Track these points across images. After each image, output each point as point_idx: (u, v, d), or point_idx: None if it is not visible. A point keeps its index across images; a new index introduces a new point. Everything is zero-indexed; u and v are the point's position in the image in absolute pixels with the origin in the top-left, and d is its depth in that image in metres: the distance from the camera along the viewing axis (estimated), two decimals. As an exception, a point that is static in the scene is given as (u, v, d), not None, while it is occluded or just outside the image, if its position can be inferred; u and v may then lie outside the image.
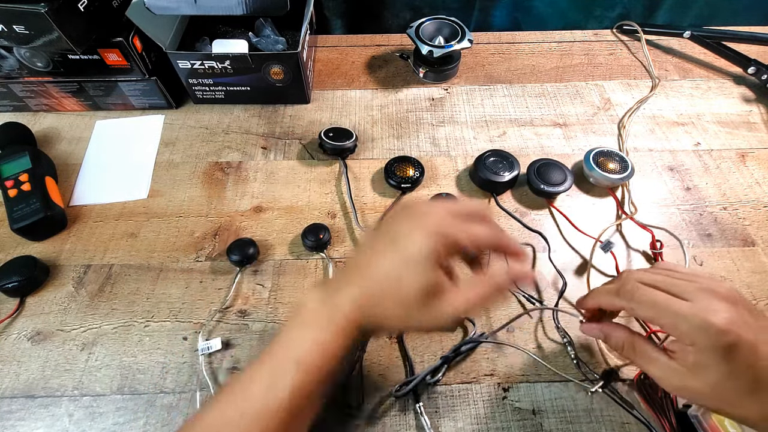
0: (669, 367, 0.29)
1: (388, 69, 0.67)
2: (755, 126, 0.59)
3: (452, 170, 0.54)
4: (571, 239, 0.48)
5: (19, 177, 0.49)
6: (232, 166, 0.55)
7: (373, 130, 0.58)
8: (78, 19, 0.47)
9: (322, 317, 0.30)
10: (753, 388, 0.27)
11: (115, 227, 0.49)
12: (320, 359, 0.29)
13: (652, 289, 0.30)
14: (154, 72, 0.56)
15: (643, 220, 0.48)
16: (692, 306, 0.28)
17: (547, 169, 0.50)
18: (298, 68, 0.56)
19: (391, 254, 0.30)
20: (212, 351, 0.40)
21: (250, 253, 0.45)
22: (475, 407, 0.38)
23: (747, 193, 0.52)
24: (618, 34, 0.72)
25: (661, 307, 0.29)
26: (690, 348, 0.28)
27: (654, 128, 0.58)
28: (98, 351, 0.41)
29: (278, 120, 0.60)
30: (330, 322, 0.30)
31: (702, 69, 0.66)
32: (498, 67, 0.67)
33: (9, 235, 0.47)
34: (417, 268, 0.29)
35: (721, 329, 0.26)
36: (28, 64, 0.53)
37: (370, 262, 0.31)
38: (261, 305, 0.44)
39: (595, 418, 0.37)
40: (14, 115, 0.60)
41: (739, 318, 0.27)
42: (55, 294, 0.44)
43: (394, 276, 0.29)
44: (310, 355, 0.29)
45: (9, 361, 0.40)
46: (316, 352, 0.30)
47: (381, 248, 0.31)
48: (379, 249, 0.31)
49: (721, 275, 0.45)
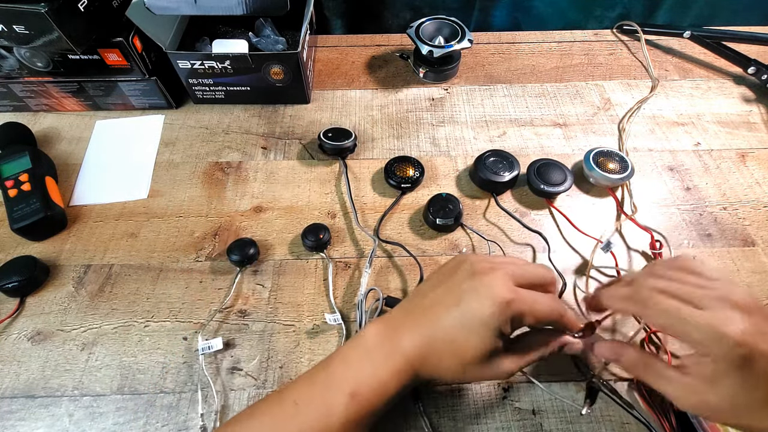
0: (684, 384, 0.28)
1: (388, 69, 0.67)
2: (755, 126, 0.59)
3: (452, 170, 0.54)
4: (571, 239, 0.48)
5: (19, 177, 0.49)
6: (232, 166, 0.55)
7: (373, 130, 0.58)
8: (78, 19, 0.47)
9: (382, 354, 0.31)
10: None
11: (115, 227, 0.49)
12: (375, 396, 0.30)
13: (665, 298, 0.29)
14: (154, 72, 0.56)
15: (643, 221, 0.48)
16: (706, 315, 0.27)
17: (547, 169, 0.50)
18: (298, 68, 0.56)
19: (455, 310, 0.31)
20: (213, 351, 0.40)
21: (250, 253, 0.45)
22: (475, 407, 0.38)
23: (747, 193, 0.52)
24: (618, 34, 0.72)
25: (674, 317, 0.28)
26: (705, 359, 0.27)
27: (654, 128, 0.58)
28: (98, 351, 0.41)
29: (278, 120, 0.60)
30: (389, 359, 0.31)
31: (702, 69, 0.66)
32: (498, 67, 0.67)
33: (9, 235, 0.47)
34: (480, 332, 0.30)
35: (736, 341, 0.26)
36: (28, 64, 0.53)
37: (434, 312, 0.32)
38: (261, 305, 0.44)
39: (595, 418, 0.37)
40: (14, 115, 0.60)
41: (755, 328, 0.26)
42: (55, 294, 0.44)
43: (457, 335, 0.30)
44: (366, 389, 0.30)
45: (9, 361, 0.40)
46: (371, 387, 0.30)
47: (446, 300, 0.32)
48: (443, 300, 0.32)
49: (721, 275, 0.45)
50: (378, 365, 0.31)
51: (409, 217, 0.50)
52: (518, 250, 0.47)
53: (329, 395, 0.30)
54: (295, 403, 0.30)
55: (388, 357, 0.31)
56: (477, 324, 0.30)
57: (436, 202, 0.48)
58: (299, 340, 0.41)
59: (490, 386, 0.39)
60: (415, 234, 0.49)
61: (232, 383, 0.39)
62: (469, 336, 0.30)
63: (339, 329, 0.42)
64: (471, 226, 0.49)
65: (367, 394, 0.30)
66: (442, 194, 0.49)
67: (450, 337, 0.30)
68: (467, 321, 0.30)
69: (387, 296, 0.43)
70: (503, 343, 0.31)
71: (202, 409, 0.38)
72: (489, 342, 0.30)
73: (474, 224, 0.49)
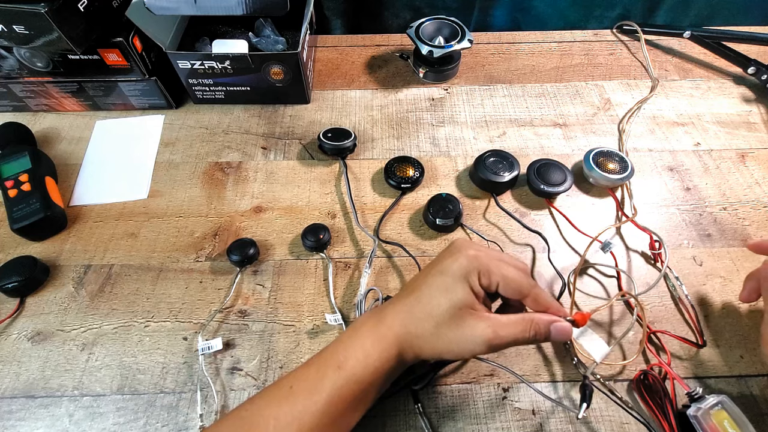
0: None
1: (388, 69, 0.67)
2: (755, 126, 0.59)
3: (452, 170, 0.54)
4: (570, 239, 0.48)
5: (19, 177, 0.49)
6: (232, 166, 0.55)
7: (373, 130, 0.58)
8: (78, 19, 0.47)
9: (367, 330, 0.33)
10: None
11: (115, 227, 0.49)
12: (359, 366, 0.31)
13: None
14: (154, 72, 0.56)
15: (643, 221, 0.48)
16: None
17: (547, 169, 0.50)
18: (298, 68, 0.56)
19: (431, 275, 0.33)
20: (212, 351, 0.40)
21: (250, 254, 0.45)
22: (475, 407, 0.38)
23: (747, 193, 0.52)
24: (618, 34, 0.72)
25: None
26: None
27: (654, 128, 0.58)
28: (98, 351, 0.41)
29: (278, 120, 0.60)
30: (373, 333, 0.32)
31: (702, 69, 0.66)
32: (498, 67, 0.67)
33: (9, 235, 0.47)
34: (448, 283, 0.31)
35: None
36: (28, 64, 0.53)
37: (417, 286, 0.34)
38: (261, 305, 0.44)
39: (594, 418, 0.37)
40: (14, 115, 0.60)
41: None
42: (55, 294, 0.44)
43: (431, 294, 0.32)
44: (352, 361, 0.31)
45: (9, 361, 0.40)
46: (356, 358, 0.31)
47: (425, 272, 0.34)
48: (423, 273, 0.35)
49: (721, 275, 0.45)
50: (363, 339, 0.32)
51: (409, 218, 0.50)
52: (518, 250, 0.47)
53: (320, 373, 0.31)
54: (290, 387, 0.31)
55: (372, 331, 0.32)
56: (446, 274, 0.32)
57: (435, 203, 0.48)
58: (299, 340, 0.42)
59: (490, 386, 0.39)
60: (414, 234, 0.49)
61: (232, 383, 0.39)
62: (439, 291, 0.32)
63: (339, 329, 0.42)
64: (471, 226, 0.49)
65: (352, 364, 0.31)
66: (442, 194, 0.49)
67: (426, 299, 0.32)
68: (439, 279, 0.32)
69: (387, 296, 0.43)
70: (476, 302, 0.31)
71: (202, 409, 0.38)
72: (457, 290, 0.31)
73: (474, 224, 0.49)
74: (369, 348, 0.32)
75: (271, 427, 0.29)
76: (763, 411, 0.37)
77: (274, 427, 0.29)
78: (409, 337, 0.32)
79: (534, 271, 0.46)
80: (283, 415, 0.29)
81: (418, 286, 0.33)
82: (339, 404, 0.30)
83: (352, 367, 0.31)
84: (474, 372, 0.40)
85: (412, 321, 0.32)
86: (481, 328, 0.30)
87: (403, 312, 0.33)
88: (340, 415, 0.30)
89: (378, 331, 0.32)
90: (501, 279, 0.32)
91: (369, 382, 0.31)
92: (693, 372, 0.39)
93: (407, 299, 0.33)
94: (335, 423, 0.30)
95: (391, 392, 0.37)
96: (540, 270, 0.46)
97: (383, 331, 0.32)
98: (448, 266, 0.32)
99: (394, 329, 0.32)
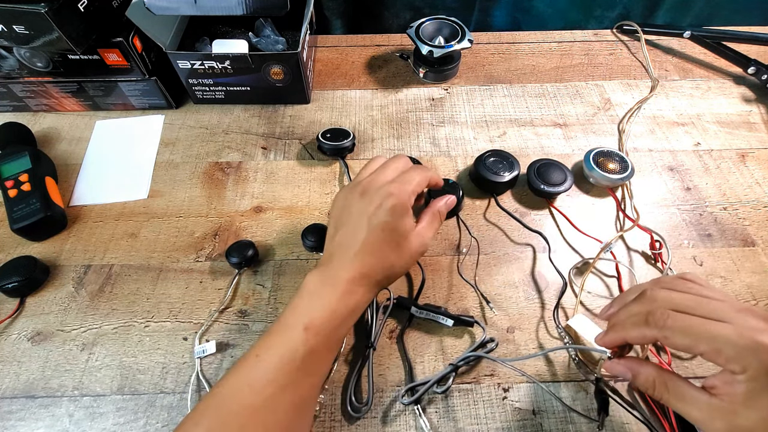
0: (711, 407, 0.25)
1: (388, 69, 0.67)
2: (755, 126, 0.59)
3: (452, 170, 0.54)
4: (571, 239, 0.48)
5: (19, 177, 0.49)
6: (232, 166, 0.55)
7: (373, 131, 0.58)
8: (78, 19, 0.47)
9: (324, 288, 0.34)
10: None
11: (115, 227, 0.49)
12: (329, 324, 0.33)
13: (684, 315, 0.27)
14: (154, 72, 0.56)
15: (643, 221, 0.48)
16: (734, 329, 0.25)
17: (547, 169, 0.50)
18: (298, 68, 0.56)
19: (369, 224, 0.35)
20: (207, 354, 0.40)
21: (249, 255, 0.45)
22: (475, 407, 0.38)
23: (747, 193, 0.52)
24: (618, 34, 0.72)
25: (699, 333, 0.26)
26: (740, 377, 0.24)
27: (654, 128, 0.58)
28: (98, 351, 0.41)
29: (278, 120, 0.60)
30: (334, 289, 0.33)
31: (702, 69, 0.66)
32: (498, 67, 0.67)
33: (9, 235, 0.47)
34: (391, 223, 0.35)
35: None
36: (28, 64, 0.53)
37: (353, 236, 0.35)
38: (261, 305, 0.44)
39: (595, 418, 0.37)
40: (14, 115, 0.60)
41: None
42: (55, 294, 0.44)
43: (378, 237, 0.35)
44: (319, 320, 0.32)
45: (9, 361, 0.40)
46: (322, 317, 0.32)
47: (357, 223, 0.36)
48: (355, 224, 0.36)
49: (721, 275, 0.45)
50: (326, 296, 0.33)
51: (409, 217, 0.50)
52: (519, 250, 0.47)
53: (286, 338, 0.32)
54: (256, 356, 0.31)
55: (333, 287, 0.34)
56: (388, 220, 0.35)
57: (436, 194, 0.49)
58: (299, 340, 0.41)
59: (490, 386, 0.39)
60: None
61: (232, 383, 0.39)
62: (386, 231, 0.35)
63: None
64: (466, 220, 0.49)
65: (322, 323, 0.32)
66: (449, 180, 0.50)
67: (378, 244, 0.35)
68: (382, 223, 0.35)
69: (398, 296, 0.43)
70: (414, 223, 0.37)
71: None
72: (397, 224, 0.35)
73: (474, 224, 0.49)
74: (334, 304, 0.33)
75: (246, 392, 0.30)
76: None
77: (251, 392, 0.30)
78: (370, 280, 0.35)
79: (535, 270, 0.46)
80: (257, 381, 0.30)
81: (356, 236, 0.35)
82: (311, 357, 0.31)
83: (320, 324, 0.32)
84: (474, 372, 0.40)
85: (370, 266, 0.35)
86: (420, 240, 0.37)
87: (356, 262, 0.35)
88: (314, 367, 0.32)
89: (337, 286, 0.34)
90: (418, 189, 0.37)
91: (337, 329, 0.33)
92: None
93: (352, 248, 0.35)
94: (311, 374, 0.32)
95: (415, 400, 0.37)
96: (541, 270, 0.46)
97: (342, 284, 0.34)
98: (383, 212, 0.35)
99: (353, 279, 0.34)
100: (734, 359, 0.24)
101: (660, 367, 0.29)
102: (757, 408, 0.24)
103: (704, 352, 0.26)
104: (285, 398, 0.30)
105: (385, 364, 0.40)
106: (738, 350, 0.24)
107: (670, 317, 0.27)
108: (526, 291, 0.44)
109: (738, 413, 0.25)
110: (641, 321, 0.29)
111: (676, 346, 0.27)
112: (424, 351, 0.41)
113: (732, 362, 0.25)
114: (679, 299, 0.28)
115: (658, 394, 0.28)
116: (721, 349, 0.25)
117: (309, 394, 0.33)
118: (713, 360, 0.26)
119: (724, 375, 0.25)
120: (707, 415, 0.26)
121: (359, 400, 0.38)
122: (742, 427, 0.25)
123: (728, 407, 0.25)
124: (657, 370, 0.29)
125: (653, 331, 0.28)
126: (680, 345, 0.27)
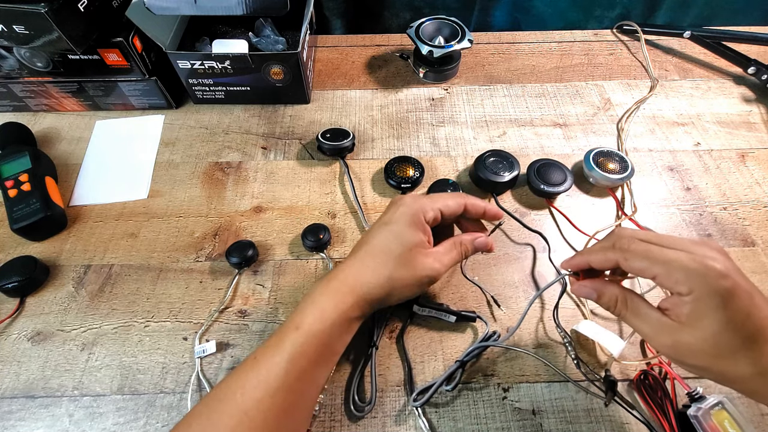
0: (660, 323, 0.28)
1: (388, 69, 0.67)
2: (755, 126, 0.59)
3: (452, 170, 0.54)
4: (571, 239, 0.48)
5: (19, 177, 0.49)
6: (232, 166, 0.55)
7: (373, 131, 0.58)
8: (78, 19, 0.47)
9: (320, 287, 0.35)
10: (748, 340, 0.25)
11: (115, 227, 0.49)
12: (319, 323, 0.33)
13: (646, 243, 0.29)
14: (154, 72, 0.56)
15: (643, 221, 0.48)
16: (688, 255, 0.27)
17: (547, 169, 0.50)
18: (298, 68, 0.56)
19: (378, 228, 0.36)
20: (207, 354, 0.40)
21: (248, 255, 0.45)
22: (475, 407, 0.38)
23: (747, 193, 0.52)
24: (618, 34, 0.72)
25: (655, 257, 0.28)
26: (686, 298, 0.26)
27: (654, 128, 0.58)
28: (98, 351, 0.41)
29: (278, 120, 0.60)
30: (327, 288, 0.34)
31: (702, 69, 0.66)
32: (498, 67, 0.67)
33: (9, 235, 0.47)
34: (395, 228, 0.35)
35: (721, 273, 0.26)
36: (28, 64, 0.53)
37: (361, 242, 0.37)
38: (261, 305, 0.44)
39: (595, 418, 0.37)
40: (14, 115, 0.60)
41: (735, 266, 0.27)
42: (55, 294, 0.44)
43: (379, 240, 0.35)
44: (309, 319, 0.33)
45: (9, 361, 0.40)
46: (313, 316, 0.33)
47: (370, 230, 0.37)
48: (368, 232, 0.37)
49: (721, 275, 0.45)
50: (317, 297, 0.34)
51: (409, 217, 0.50)
52: (518, 250, 0.47)
53: (280, 340, 0.32)
54: (254, 358, 0.32)
55: (325, 288, 0.34)
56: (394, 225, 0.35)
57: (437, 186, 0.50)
58: (299, 340, 0.41)
59: (490, 386, 0.39)
60: (415, 234, 0.49)
61: (232, 383, 0.39)
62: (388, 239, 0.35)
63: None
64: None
65: (309, 322, 0.33)
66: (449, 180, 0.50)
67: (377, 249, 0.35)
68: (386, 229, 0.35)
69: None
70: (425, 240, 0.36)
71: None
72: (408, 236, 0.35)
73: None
74: (324, 304, 0.33)
75: (238, 395, 0.30)
76: (763, 411, 0.37)
77: (242, 395, 0.30)
78: (364, 287, 0.34)
79: (535, 270, 0.46)
80: (249, 383, 0.31)
81: (366, 241, 0.36)
82: (301, 361, 0.31)
83: (310, 325, 0.32)
84: (474, 372, 0.40)
85: (365, 271, 0.35)
86: (429, 263, 0.35)
87: (355, 266, 0.35)
88: (304, 372, 0.32)
89: (331, 287, 0.34)
90: (442, 206, 0.37)
91: (328, 334, 0.33)
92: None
93: (357, 254, 0.36)
94: (301, 379, 0.32)
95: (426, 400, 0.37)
96: (540, 270, 0.46)
97: (336, 285, 0.34)
98: (392, 216, 0.36)
99: (347, 282, 0.34)
100: (683, 282, 0.26)
101: (622, 287, 0.31)
102: (698, 327, 0.26)
103: (657, 275, 0.28)
104: (275, 401, 0.30)
105: (385, 363, 0.40)
106: (687, 273, 0.26)
107: (633, 242, 0.30)
108: (526, 291, 0.44)
109: (682, 331, 0.27)
110: (608, 246, 0.31)
111: (634, 269, 0.29)
112: (424, 351, 0.41)
113: (680, 284, 0.27)
114: (643, 234, 0.30)
115: (618, 310, 0.31)
116: (672, 273, 0.27)
117: (300, 399, 0.32)
118: (665, 284, 0.28)
119: (674, 297, 0.28)
120: (656, 331, 0.28)
121: (362, 399, 0.38)
122: (683, 342, 0.27)
123: (674, 325, 0.27)
124: (620, 288, 0.31)
125: (616, 254, 0.30)
126: (637, 268, 0.29)
